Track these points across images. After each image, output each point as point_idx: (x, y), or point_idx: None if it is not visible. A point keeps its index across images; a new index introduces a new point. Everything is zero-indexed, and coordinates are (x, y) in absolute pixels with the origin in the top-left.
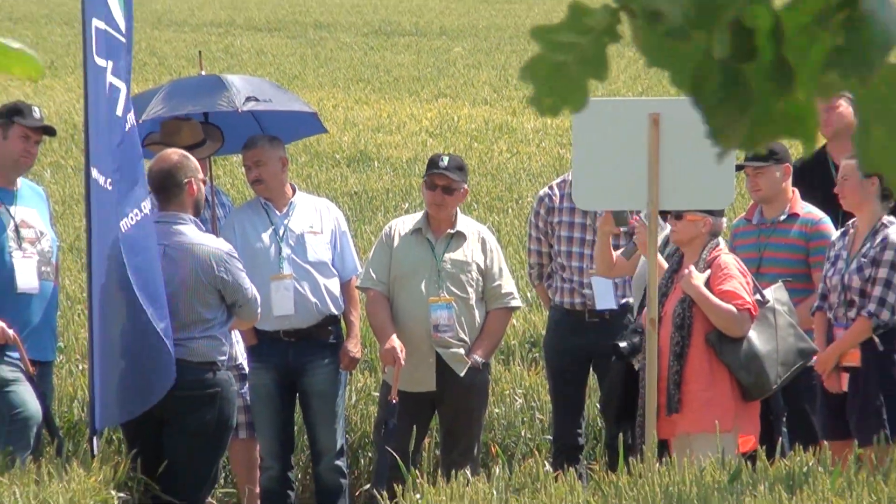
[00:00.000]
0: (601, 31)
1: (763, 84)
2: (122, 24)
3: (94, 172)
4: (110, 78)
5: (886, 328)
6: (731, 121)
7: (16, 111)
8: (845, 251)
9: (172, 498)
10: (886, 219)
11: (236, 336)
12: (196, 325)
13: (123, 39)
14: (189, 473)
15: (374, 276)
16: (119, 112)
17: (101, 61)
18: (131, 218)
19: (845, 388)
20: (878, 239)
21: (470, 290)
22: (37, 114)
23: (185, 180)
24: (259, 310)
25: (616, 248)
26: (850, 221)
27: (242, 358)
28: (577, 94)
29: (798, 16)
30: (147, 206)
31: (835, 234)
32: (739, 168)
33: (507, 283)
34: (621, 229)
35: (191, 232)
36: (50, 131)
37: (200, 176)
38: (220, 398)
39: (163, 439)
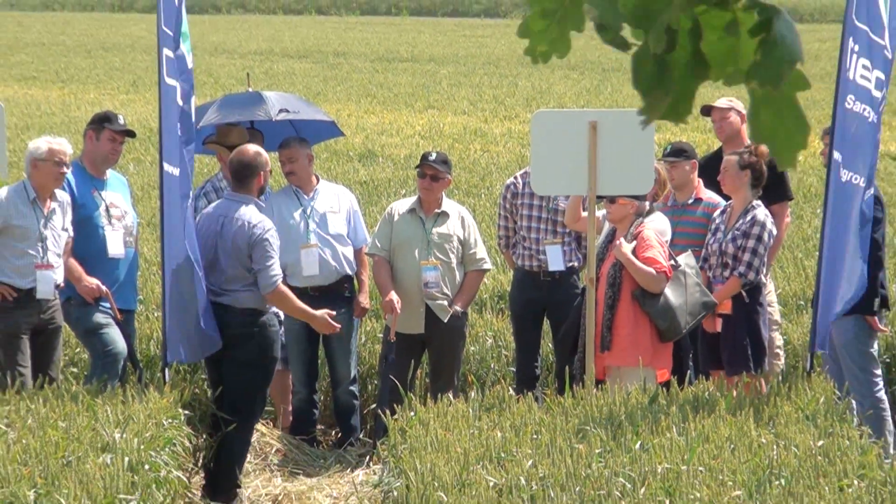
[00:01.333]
0: None
1: (683, 70)
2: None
3: (166, 166)
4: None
5: (752, 285)
6: (658, 100)
7: (105, 119)
8: (723, 225)
9: (231, 416)
10: (755, 202)
11: None
12: (238, 280)
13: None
14: (245, 396)
15: (378, 245)
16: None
17: (171, 81)
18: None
19: (719, 329)
20: (749, 217)
21: (452, 255)
22: (121, 120)
23: (258, 172)
24: (270, 290)
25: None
26: (728, 202)
27: None
28: (563, 44)
29: (712, 20)
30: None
31: None
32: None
33: (481, 251)
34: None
35: (249, 211)
36: (132, 134)
37: (269, 168)
38: (259, 336)
39: (221, 371)
